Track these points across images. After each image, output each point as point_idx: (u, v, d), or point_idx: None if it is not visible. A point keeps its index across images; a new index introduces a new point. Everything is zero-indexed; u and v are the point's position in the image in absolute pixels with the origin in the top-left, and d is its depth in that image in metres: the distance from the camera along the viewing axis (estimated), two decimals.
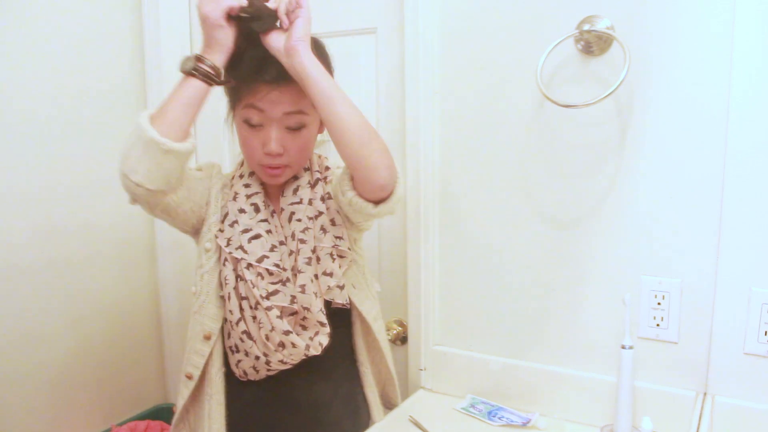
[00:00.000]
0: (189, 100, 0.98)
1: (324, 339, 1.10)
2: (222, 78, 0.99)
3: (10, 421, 1.42)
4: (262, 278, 1.06)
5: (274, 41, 0.99)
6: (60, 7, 1.48)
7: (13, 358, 1.42)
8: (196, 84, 0.97)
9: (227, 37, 0.97)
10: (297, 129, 1.06)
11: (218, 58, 0.98)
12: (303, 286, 1.08)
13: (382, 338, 1.22)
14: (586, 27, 1.13)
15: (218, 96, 1.12)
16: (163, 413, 1.73)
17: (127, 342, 1.70)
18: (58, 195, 1.50)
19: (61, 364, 1.53)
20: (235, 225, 1.08)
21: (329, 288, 1.11)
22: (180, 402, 1.14)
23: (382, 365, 1.24)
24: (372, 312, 1.19)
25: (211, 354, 1.11)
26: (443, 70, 1.30)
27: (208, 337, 1.10)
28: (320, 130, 1.13)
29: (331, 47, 1.48)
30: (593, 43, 1.13)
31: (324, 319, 1.10)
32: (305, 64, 0.97)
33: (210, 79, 0.97)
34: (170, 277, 1.73)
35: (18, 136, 1.41)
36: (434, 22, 1.29)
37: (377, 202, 1.03)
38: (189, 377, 1.12)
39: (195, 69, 0.97)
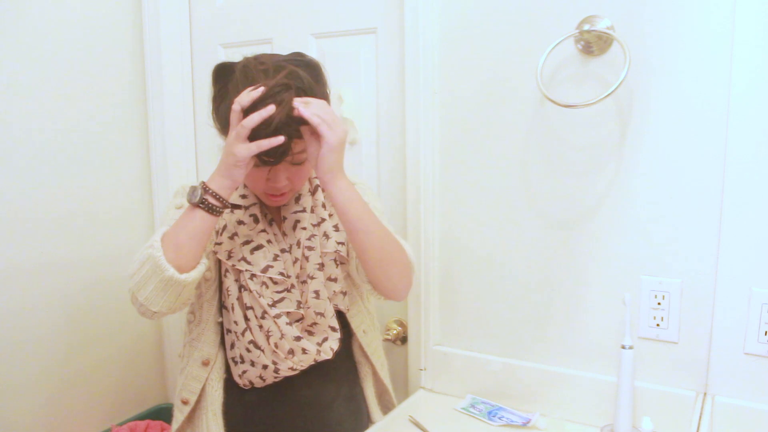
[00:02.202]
0: (200, 230, 0.97)
1: (335, 344, 1.11)
2: (227, 205, 0.98)
3: (10, 421, 1.42)
4: (267, 287, 1.06)
5: (312, 148, 0.98)
6: (59, 12, 1.48)
7: (13, 358, 1.42)
8: (203, 215, 0.96)
9: (242, 174, 0.96)
10: (301, 162, 1.04)
11: (226, 190, 0.97)
12: (317, 292, 1.08)
13: (371, 351, 1.21)
14: (586, 27, 1.13)
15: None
16: (163, 413, 1.73)
17: (127, 342, 1.70)
18: (58, 195, 1.50)
19: (62, 364, 1.53)
20: (235, 237, 1.08)
21: (334, 293, 1.11)
22: (174, 426, 1.13)
23: (376, 377, 1.24)
24: (362, 325, 1.19)
25: (208, 375, 1.11)
26: (443, 70, 1.30)
27: (206, 363, 1.11)
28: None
29: (331, 47, 1.50)
30: (593, 43, 1.13)
31: (336, 324, 1.11)
32: (335, 197, 0.99)
33: (214, 211, 0.97)
34: None
35: (18, 139, 1.41)
36: (434, 22, 1.29)
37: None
38: (185, 402, 1.12)
39: (201, 202, 0.95)
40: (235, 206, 1.07)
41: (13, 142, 1.40)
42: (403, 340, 1.46)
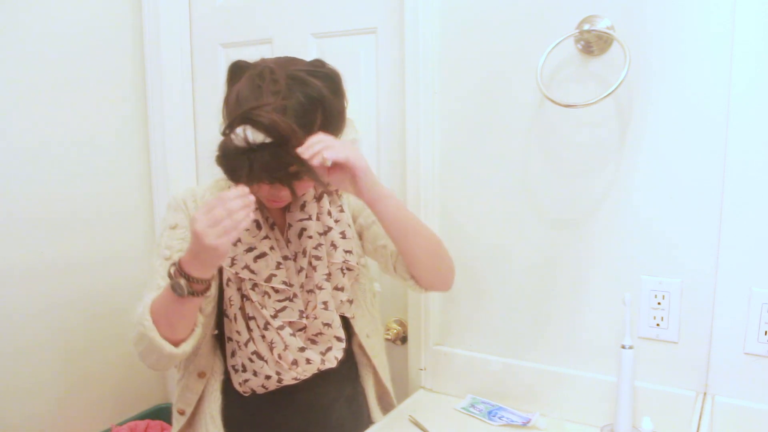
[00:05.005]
0: (192, 311, 0.96)
1: (339, 353, 1.10)
2: (210, 284, 0.96)
3: (10, 422, 1.42)
4: (269, 296, 1.05)
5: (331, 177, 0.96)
6: (59, 12, 1.48)
7: (14, 358, 1.42)
8: (193, 300, 0.92)
9: (222, 261, 0.94)
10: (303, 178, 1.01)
11: (210, 274, 0.92)
12: (326, 303, 1.08)
13: (374, 354, 1.20)
14: (586, 27, 1.13)
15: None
16: (163, 413, 1.73)
17: (127, 342, 1.70)
18: (59, 196, 1.50)
19: (62, 365, 1.53)
20: (239, 244, 1.04)
21: (341, 302, 1.11)
22: (174, 430, 1.13)
23: (377, 378, 1.23)
24: (366, 329, 1.19)
25: (204, 386, 1.10)
26: (443, 70, 1.30)
27: (202, 375, 1.10)
28: None
29: (331, 47, 1.50)
30: (593, 43, 1.13)
31: (342, 334, 1.10)
32: (384, 217, 1.00)
33: (202, 294, 0.93)
34: None
35: (17, 139, 1.41)
36: (434, 22, 1.29)
37: None
38: (181, 413, 1.11)
39: (192, 293, 0.91)
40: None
41: (12, 142, 1.40)
42: (403, 340, 1.46)
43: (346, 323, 1.16)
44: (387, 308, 1.47)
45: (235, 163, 0.90)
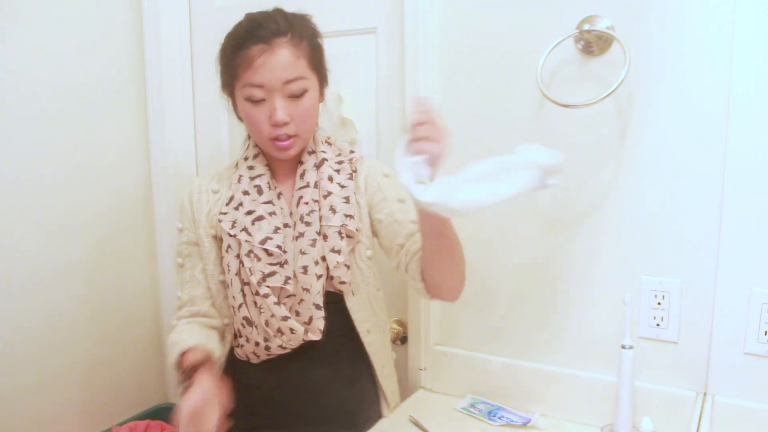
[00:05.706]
0: None
1: (320, 323, 1.10)
2: None
3: (11, 422, 1.42)
4: (259, 260, 1.07)
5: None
6: (58, 12, 1.48)
7: (13, 358, 1.42)
8: None
9: None
10: (299, 96, 1.06)
11: None
12: (305, 267, 1.09)
13: (374, 351, 1.19)
14: (586, 27, 1.13)
15: (215, 79, 1.15)
16: (163, 413, 1.73)
17: (127, 342, 1.70)
18: (59, 198, 1.50)
19: (62, 364, 1.53)
20: (240, 207, 1.11)
21: (337, 264, 1.10)
22: None
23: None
24: (366, 324, 1.17)
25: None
26: (443, 70, 1.30)
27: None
28: (321, 99, 1.14)
29: (330, 47, 1.49)
30: (593, 43, 1.13)
31: (320, 302, 1.10)
32: (435, 221, 0.97)
33: None
34: (170, 277, 1.73)
35: (17, 133, 1.41)
36: (434, 22, 1.29)
37: None
38: None
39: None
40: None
41: (13, 145, 1.40)
42: (403, 340, 1.46)
43: (344, 314, 1.15)
44: (387, 308, 1.47)
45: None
